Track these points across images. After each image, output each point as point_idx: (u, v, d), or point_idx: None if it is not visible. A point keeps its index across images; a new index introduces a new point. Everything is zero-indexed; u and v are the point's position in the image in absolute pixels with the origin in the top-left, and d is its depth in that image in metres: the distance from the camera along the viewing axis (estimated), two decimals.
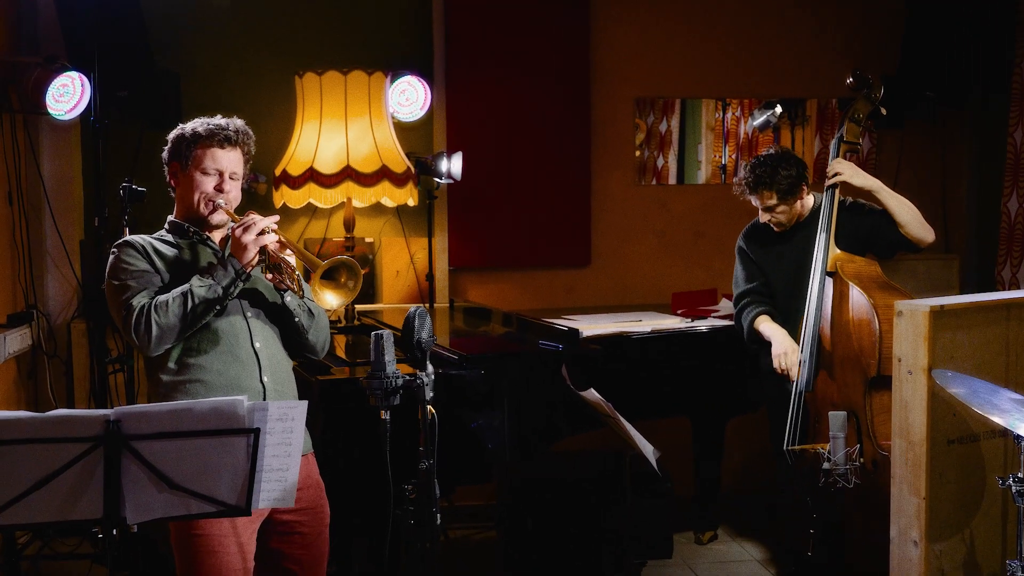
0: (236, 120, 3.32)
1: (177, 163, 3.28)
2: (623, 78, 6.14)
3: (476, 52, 5.98)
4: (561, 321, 4.86)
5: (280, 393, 3.25)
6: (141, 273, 3.17)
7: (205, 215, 3.26)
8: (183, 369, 3.16)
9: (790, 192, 4.41)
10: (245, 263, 3.14)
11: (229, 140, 3.26)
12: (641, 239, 6.22)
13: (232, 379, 3.17)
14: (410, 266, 5.92)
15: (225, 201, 3.26)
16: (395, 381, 2.81)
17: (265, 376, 3.21)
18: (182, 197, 3.30)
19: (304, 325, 3.30)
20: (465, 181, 5.54)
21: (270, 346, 3.27)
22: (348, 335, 5.16)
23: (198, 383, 3.15)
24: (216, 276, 3.13)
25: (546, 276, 6.14)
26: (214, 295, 3.11)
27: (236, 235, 3.16)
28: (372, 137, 5.31)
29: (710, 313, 5.20)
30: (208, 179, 3.25)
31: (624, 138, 6.18)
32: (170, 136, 3.32)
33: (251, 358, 3.21)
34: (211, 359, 3.16)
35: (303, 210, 5.65)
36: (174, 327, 3.09)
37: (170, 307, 3.08)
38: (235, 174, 3.29)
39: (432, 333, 2.91)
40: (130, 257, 3.19)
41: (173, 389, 3.15)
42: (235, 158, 3.28)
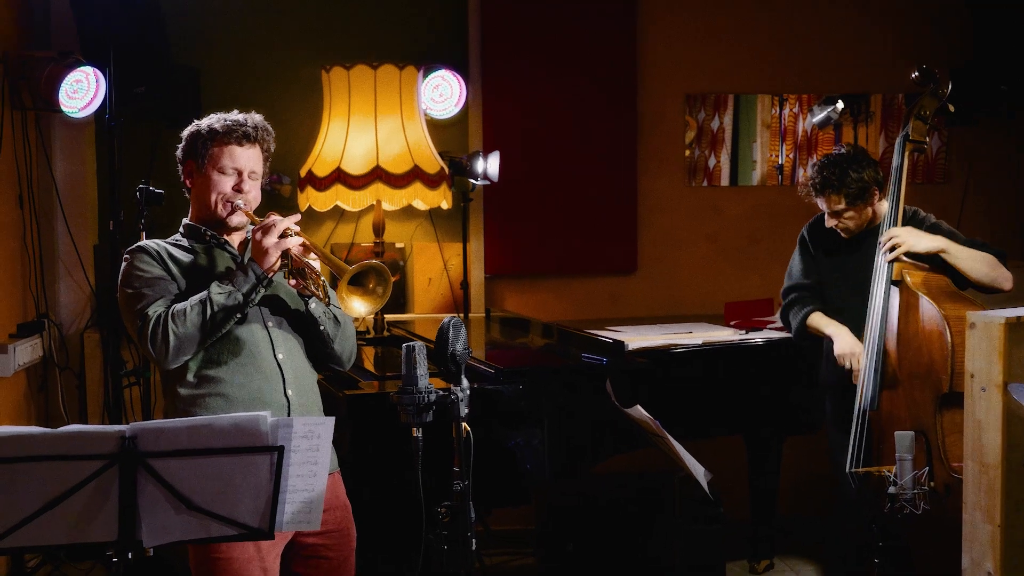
0: (255, 115, 3.33)
1: (192, 162, 3.29)
2: (672, 72, 6.12)
3: (514, 45, 5.98)
4: (605, 333, 4.84)
5: (305, 407, 3.25)
6: (156, 280, 3.18)
7: (223, 217, 3.27)
8: (202, 382, 3.17)
9: (860, 197, 4.36)
10: (267, 268, 3.15)
11: (247, 137, 3.26)
12: (691, 244, 6.19)
13: (255, 392, 3.18)
14: (443, 273, 5.93)
15: (244, 202, 3.27)
16: (428, 396, 2.81)
17: (289, 389, 3.22)
18: (198, 198, 3.31)
19: (330, 334, 3.30)
20: (502, 183, 5.54)
21: (294, 357, 3.27)
22: (377, 347, 5.17)
23: (219, 397, 3.16)
24: (236, 282, 3.13)
25: (589, 284, 6.13)
26: (234, 302, 3.11)
27: (256, 238, 3.16)
28: (403, 136, 5.33)
29: (766, 324, 5.17)
30: (226, 179, 3.25)
31: (673, 136, 6.16)
32: (184, 133, 3.33)
33: (274, 370, 3.21)
34: (232, 371, 3.17)
35: (330, 213, 5.67)
36: (192, 337, 3.10)
37: (188, 316, 3.09)
38: (254, 173, 3.29)
39: (467, 345, 2.91)
40: (144, 264, 3.20)
41: (192, 404, 3.17)
42: (254, 156, 3.29)
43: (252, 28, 5.80)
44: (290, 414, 3.20)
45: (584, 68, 6.02)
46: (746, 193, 6.23)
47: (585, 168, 6.06)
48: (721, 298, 5.72)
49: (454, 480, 2.83)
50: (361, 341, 5.29)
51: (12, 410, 5.12)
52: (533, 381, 4.04)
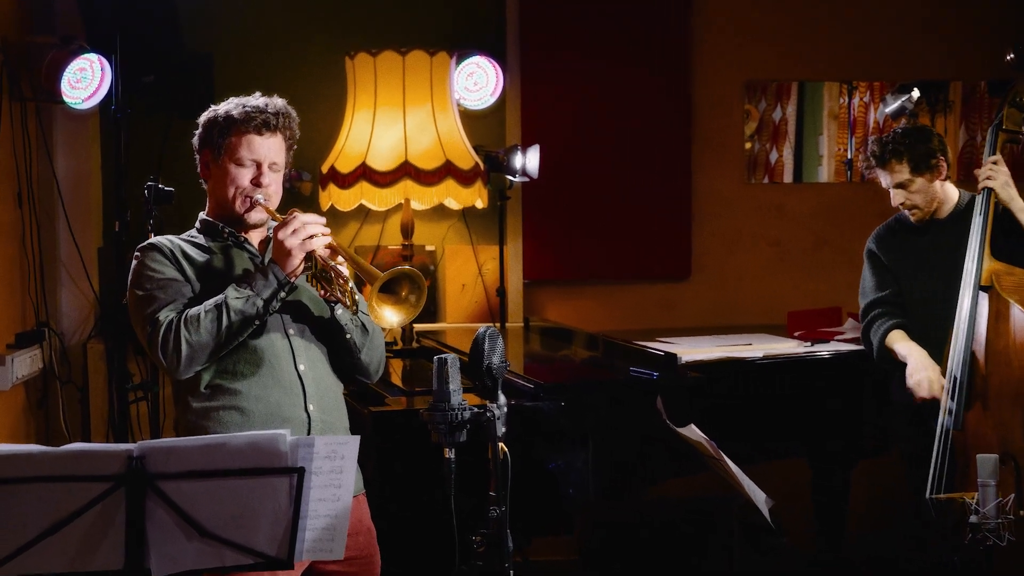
0: (277, 100, 3.32)
1: (209, 152, 3.29)
2: (730, 57, 6.11)
3: (555, 29, 5.98)
4: (656, 344, 4.83)
5: (328, 424, 3.26)
6: (169, 282, 3.19)
7: (241, 213, 3.28)
8: (216, 394, 3.18)
9: (924, 163, 4.36)
10: (289, 271, 3.15)
11: (268, 125, 3.26)
12: (751, 248, 6.17)
13: (273, 407, 3.19)
14: (478, 279, 5.93)
15: (264, 196, 3.27)
16: (461, 414, 2.81)
17: (311, 404, 3.23)
18: (215, 191, 3.32)
19: (357, 343, 3.30)
20: (542, 179, 5.54)
21: (316, 368, 3.28)
22: (406, 359, 5.18)
23: (233, 411, 3.17)
24: (255, 286, 3.14)
25: (638, 291, 6.11)
26: (253, 308, 3.12)
27: (278, 238, 3.16)
28: (434, 128, 5.34)
29: (833, 336, 5.14)
30: (244, 171, 3.26)
31: (731, 129, 6.14)
32: (201, 119, 3.34)
33: (294, 383, 3.22)
34: (249, 384, 3.19)
35: (354, 213, 5.69)
36: (206, 345, 3.11)
37: (202, 322, 3.10)
38: (276, 164, 3.29)
39: (504, 358, 2.91)
40: (156, 263, 3.21)
41: (204, 417, 3.18)
42: (275, 146, 3.29)
43: (270, 11, 5.83)
44: (310, 431, 3.21)
45: (632, 53, 6.01)
46: (811, 191, 6.20)
47: (634, 164, 6.05)
48: (783, 307, 5.69)
49: (490, 506, 2.83)
50: (388, 353, 5.27)
51: (9, 427, 5.15)
52: (576, 397, 4.04)
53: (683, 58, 6.06)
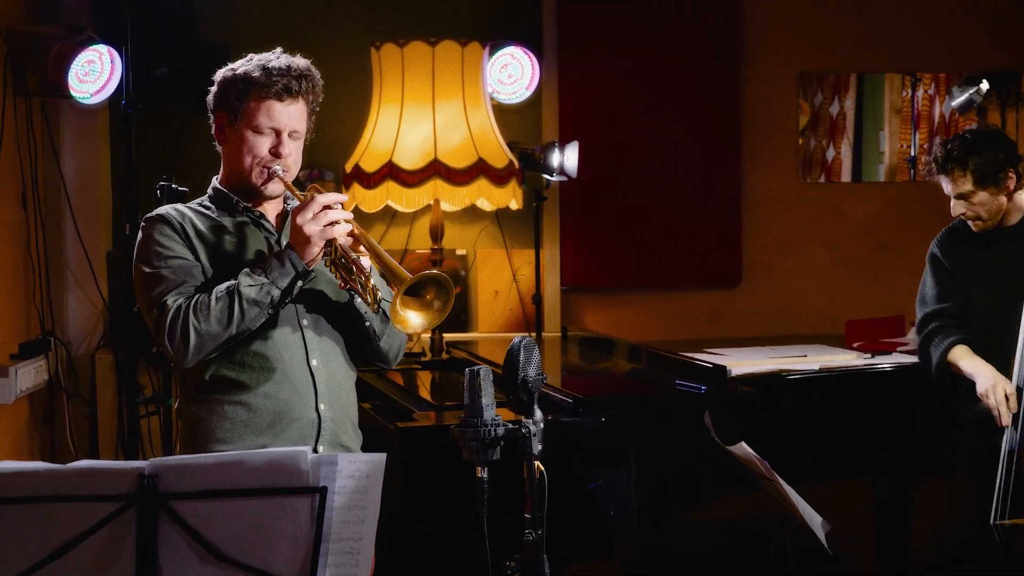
0: (300, 60, 3.29)
1: (225, 115, 3.26)
2: (784, 48, 6.10)
3: (596, 18, 5.98)
4: (703, 356, 4.82)
5: (338, 424, 3.26)
6: (177, 260, 3.17)
7: (257, 185, 3.24)
8: (222, 387, 3.18)
9: (989, 177, 4.31)
10: (308, 260, 3.13)
11: (290, 90, 3.22)
12: (806, 252, 6.15)
13: (281, 404, 3.19)
14: (512, 285, 5.93)
15: (283, 167, 3.23)
16: (495, 430, 2.81)
17: (321, 403, 3.22)
18: (229, 159, 3.29)
19: (376, 331, 3.29)
20: (582, 179, 5.54)
21: (329, 364, 3.27)
22: (435, 371, 5.18)
23: (239, 406, 3.17)
24: (270, 272, 3.12)
25: (684, 299, 6.10)
26: (267, 298, 3.11)
27: (296, 223, 3.13)
28: (466, 124, 5.35)
29: (895, 347, 5.11)
30: (262, 140, 3.22)
31: (784, 124, 6.13)
32: (216, 77, 3.30)
33: (306, 380, 3.21)
34: (257, 378, 3.18)
35: (380, 215, 5.71)
36: (216, 335, 3.10)
37: (212, 310, 3.09)
38: (296, 132, 3.26)
39: (541, 370, 2.91)
40: (166, 238, 3.20)
41: (208, 410, 3.19)
42: (297, 112, 3.25)
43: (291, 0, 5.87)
44: (320, 432, 3.21)
45: (678, 43, 6.01)
46: (871, 191, 6.18)
47: (679, 162, 6.04)
48: (841, 316, 5.67)
49: (525, 529, 2.82)
50: (416, 365, 5.31)
51: (13, 443, 5.18)
52: (618, 413, 4.03)
53: (732, 48, 6.04)
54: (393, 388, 4.73)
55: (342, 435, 3.29)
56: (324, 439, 3.23)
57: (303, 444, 3.19)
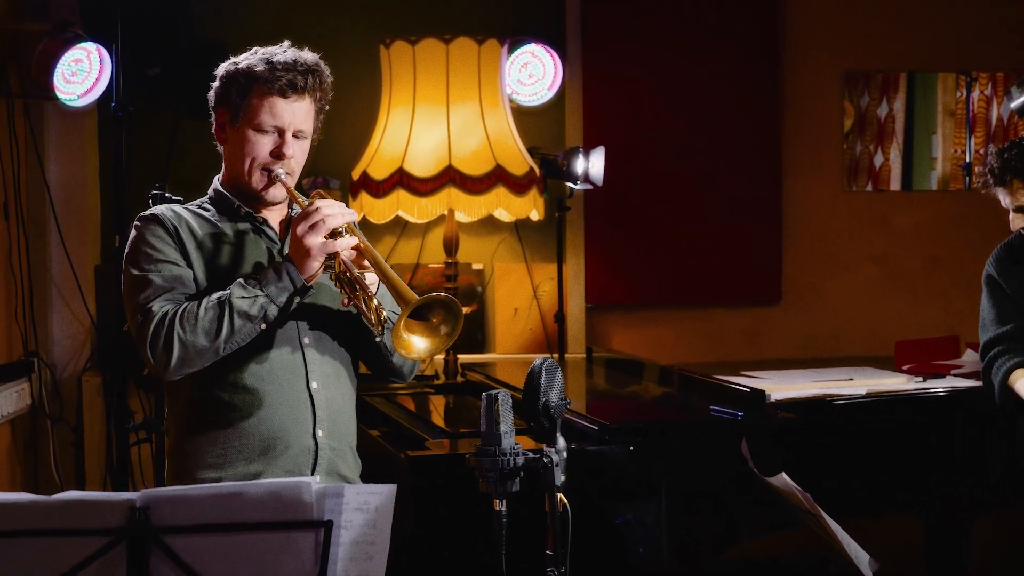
0: (307, 54, 3.30)
1: (226, 111, 3.27)
2: (827, 45, 6.10)
3: (624, 13, 6.00)
4: (740, 379, 4.81)
5: (337, 452, 3.26)
6: (168, 265, 3.17)
7: (258, 189, 3.25)
8: (214, 408, 3.18)
9: None
10: (307, 274, 3.12)
11: (295, 86, 3.23)
12: (851, 266, 6.14)
13: (276, 430, 3.18)
14: (533, 302, 5.94)
15: (286, 170, 3.24)
16: (514, 460, 2.81)
17: (319, 429, 3.22)
18: (230, 159, 3.30)
19: (388, 346, 3.27)
20: (608, 187, 5.54)
21: (330, 386, 3.27)
22: (449, 396, 5.18)
23: (230, 431, 3.18)
24: (266, 286, 3.11)
25: (719, 317, 6.10)
26: (260, 312, 3.10)
27: (297, 233, 3.12)
28: (483, 127, 5.35)
29: (949, 369, 5.09)
30: (264, 139, 3.23)
31: (828, 127, 6.12)
32: (219, 72, 3.31)
33: (304, 403, 3.21)
34: (252, 400, 3.18)
35: (389, 226, 5.72)
36: (202, 349, 3.09)
37: (200, 321, 3.08)
38: (302, 132, 3.27)
39: (564, 394, 2.91)
40: (158, 240, 3.19)
41: (197, 433, 3.18)
42: (302, 110, 3.26)
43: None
44: (317, 460, 3.22)
45: (713, 40, 6.02)
46: (923, 200, 6.17)
47: (714, 169, 6.04)
48: (890, 336, 5.65)
49: (547, 567, 2.83)
50: (428, 389, 5.31)
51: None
52: (648, 441, 4.03)
53: (771, 46, 6.04)
54: (403, 414, 4.73)
55: (340, 464, 3.29)
56: (321, 468, 3.23)
57: (298, 473, 3.20)
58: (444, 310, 3.12)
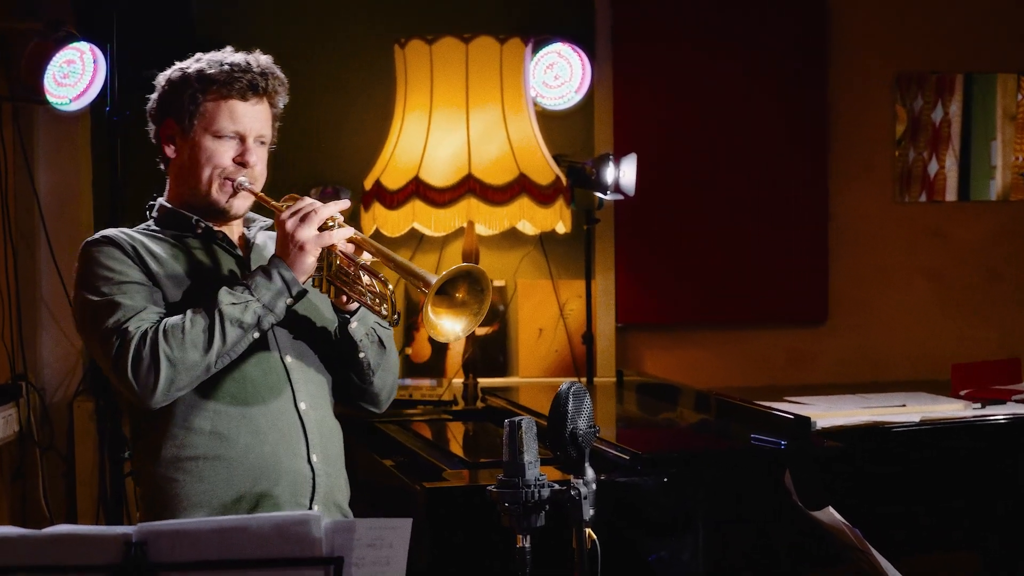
0: (260, 56, 3.29)
1: (174, 122, 3.24)
2: (877, 45, 6.09)
3: (657, 10, 6.00)
4: (783, 405, 4.81)
5: (332, 478, 3.24)
6: (136, 287, 3.12)
7: (220, 202, 3.22)
8: (194, 438, 3.12)
9: None
10: (300, 272, 3.09)
11: (255, 89, 3.22)
12: (904, 283, 6.13)
13: (267, 458, 3.14)
14: (559, 322, 5.94)
15: (250, 179, 3.21)
16: (539, 492, 2.81)
17: (314, 454, 3.19)
18: (182, 173, 3.26)
19: (371, 363, 3.27)
20: (640, 197, 5.54)
21: (318, 407, 3.25)
22: (468, 423, 5.18)
23: (217, 462, 3.12)
24: (255, 289, 3.07)
25: (760, 338, 6.09)
26: (253, 318, 3.06)
27: (286, 228, 3.09)
28: (505, 133, 5.36)
29: (1011, 395, 5.08)
30: (224, 146, 3.20)
31: (878, 133, 6.12)
32: (160, 80, 3.30)
33: (294, 426, 3.18)
34: (238, 427, 3.13)
35: (405, 238, 5.72)
36: (192, 365, 3.03)
37: (188, 334, 3.02)
38: (262, 137, 3.25)
39: (593, 421, 2.91)
40: (116, 262, 3.14)
41: (177, 468, 3.12)
42: (262, 114, 3.25)
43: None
44: (315, 489, 3.19)
45: (754, 40, 6.02)
46: (982, 211, 6.16)
47: (755, 178, 6.04)
48: (946, 358, 5.64)
49: None
50: (446, 415, 5.32)
51: None
52: (683, 472, 4.02)
53: (817, 48, 6.04)
54: (419, 442, 4.74)
55: (336, 492, 3.27)
56: (319, 497, 3.20)
57: (295, 503, 3.17)
58: (468, 282, 3.09)
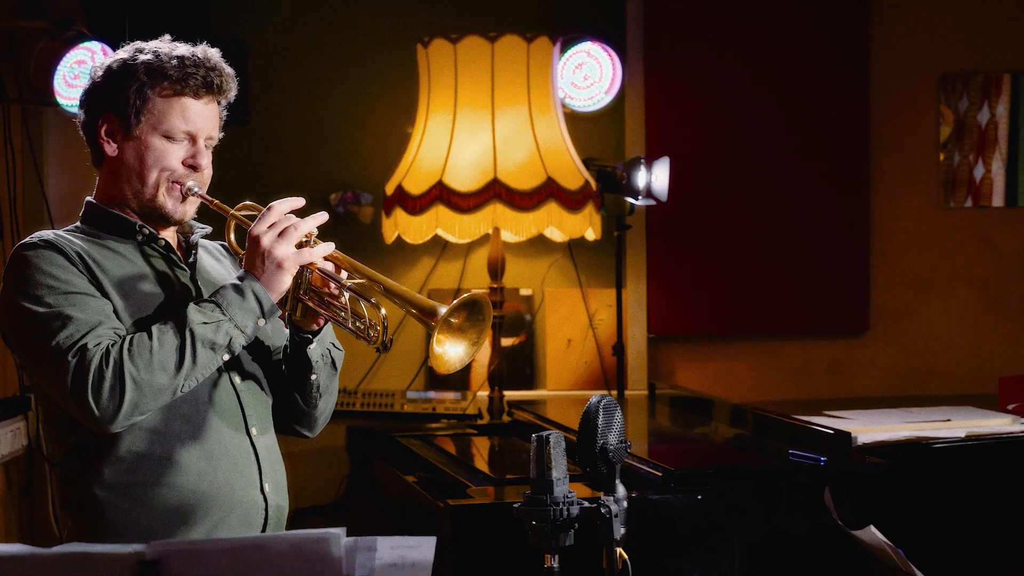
0: (208, 48, 3.15)
1: (115, 117, 3.10)
2: (921, 44, 6.08)
3: (691, 8, 6.01)
4: (822, 420, 4.80)
5: (281, 510, 3.18)
6: (86, 298, 2.97)
7: (166, 208, 3.10)
8: (142, 463, 3.00)
9: None
10: (277, 292, 2.99)
11: (209, 86, 3.09)
12: (949, 291, 6.12)
13: (220, 486, 3.05)
14: (588, 332, 5.94)
15: (199, 184, 3.10)
16: (568, 510, 2.81)
17: (266, 483, 3.12)
18: (124, 174, 3.12)
19: (321, 385, 3.18)
20: (673, 203, 5.54)
21: (267, 432, 3.17)
22: (494, 437, 5.19)
23: (166, 489, 3.01)
24: (227, 308, 2.95)
25: (798, 349, 6.08)
26: (225, 339, 2.95)
27: (264, 245, 2.98)
28: (532, 135, 5.37)
29: None
30: (175, 148, 3.07)
31: (922, 136, 6.11)
32: (96, 72, 3.17)
33: (247, 453, 3.10)
34: (189, 451, 3.03)
35: (427, 247, 5.73)
36: (159, 388, 2.91)
37: (155, 354, 2.89)
38: (212, 139, 3.13)
39: (624, 436, 2.91)
40: (59, 268, 2.99)
41: (121, 494, 3.01)
42: (213, 114, 3.12)
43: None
44: (267, 521, 3.13)
45: (791, 39, 6.02)
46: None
47: (792, 182, 6.04)
48: (993, 370, 5.64)
49: None
50: (471, 429, 5.32)
51: None
52: (718, 489, 4.03)
53: (858, 45, 6.04)
54: (443, 457, 4.74)
55: (284, 524, 3.20)
56: (269, 529, 3.13)
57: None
58: (468, 310, 3.02)
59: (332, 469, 5.58)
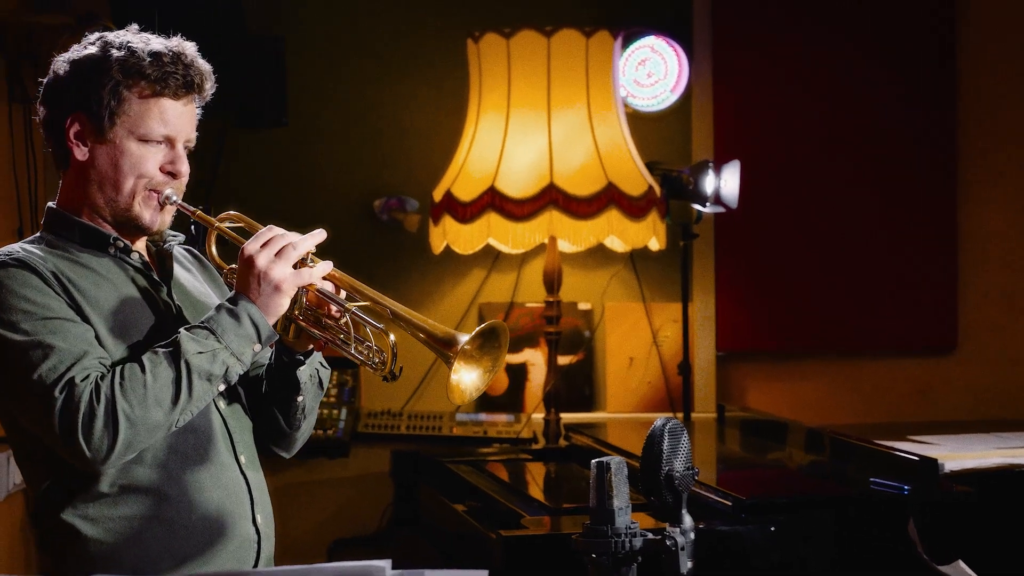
0: (184, 43, 3.12)
1: (86, 117, 3.05)
2: (1014, 36, 6.05)
3: (763, 2, 5.99)
4: (906, 445, 4.79)
5: (270, 542, 3.18)
6: (67, 324, 2.93)
7: (142, 218, 3.06)
8: (128, 496, 2.98)
9: None
10: (274, 316, 2.96)
11: (190, 85, 3.08)
12: None
13: (212, 518, 3.04)
14: (652, 350, 5.93)
15: (177, 192, 3.08)
16: (630, 541, 2.81)
17: (258, 514, 3.13)
18: (94, 180, 3.07)
19: (306, 407, 3.19)
20: (744, 210, 5.53)
21: (254, 459, 3.18)
22: (550, 463, 5.18)
23: (156, 522, 2.99)
24: (222, 335, 2.92)
25: (880, 368, 6.07)
26: (221, 369, 2.92)
27: (260, 265, 2.94)
28: (591, 137, 5.37)
29: None
30: (152, 152, 3.04)
31: (1015, 138, 6.08)
32: (60, 66, 3.13)
33: (237, 481, 3.10)
34: (179, 483, 3.01)
35: (478, 257, 5.73)
36: (154, 425, 2.87)
37: (150, 388, 2.86)
38: (190, 143, 3.12)
39: (691, 462, 2.91)
40: (35, 291, 2.93)
41: (106, 530, 2.97)
42: (191, 116, 3.12)
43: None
44: (260, 553, 3.13)
45: (872, 35, 6.01)
46: None
47: (873, 189, 6.02)
48: None
49: None
50: (525, 455, 5.32)
51: (4, 549, 5.23)
52: (793, 520, 4.02)
53: (944, 43, 6.02)
54: (495, 485, 4.74)
55: (272, 557, 3.20)
56: (261, 563, 3.13)
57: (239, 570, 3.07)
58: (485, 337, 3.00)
59: (375, 496, 5.60)
